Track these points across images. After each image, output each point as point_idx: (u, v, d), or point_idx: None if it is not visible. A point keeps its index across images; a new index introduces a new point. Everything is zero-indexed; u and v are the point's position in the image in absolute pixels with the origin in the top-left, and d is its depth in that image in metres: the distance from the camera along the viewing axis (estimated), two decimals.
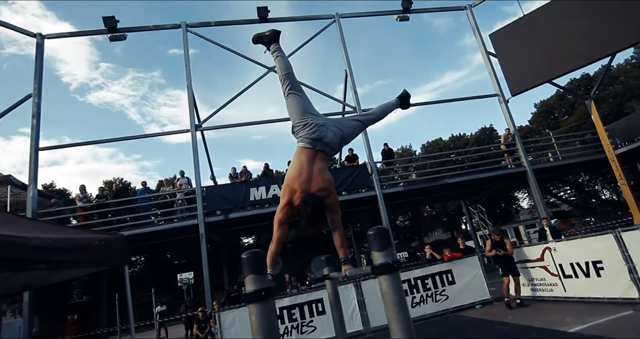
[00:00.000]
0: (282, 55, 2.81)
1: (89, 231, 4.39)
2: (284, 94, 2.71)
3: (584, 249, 6.21)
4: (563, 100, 31.45)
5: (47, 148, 11.06)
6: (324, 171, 2.45)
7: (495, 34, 12.76)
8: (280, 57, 2.79)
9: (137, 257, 26.56)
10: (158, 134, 24.80)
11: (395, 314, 1.65)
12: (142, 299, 20.44)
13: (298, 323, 6.96)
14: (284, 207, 2.34)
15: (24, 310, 8.85)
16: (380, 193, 11.04)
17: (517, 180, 13.76)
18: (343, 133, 2.61)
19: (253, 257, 1.73)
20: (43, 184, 27.76)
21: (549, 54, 11.36)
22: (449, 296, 7.70)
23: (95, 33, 11.91)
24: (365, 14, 13.41)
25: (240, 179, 11.66)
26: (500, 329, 5.83)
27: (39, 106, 10.20)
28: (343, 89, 14.18)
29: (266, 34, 2.90)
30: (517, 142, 12.47)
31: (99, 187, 12.55)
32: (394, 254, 1.79)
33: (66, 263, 3.40)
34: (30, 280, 4.48)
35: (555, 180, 21.79)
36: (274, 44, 2.87)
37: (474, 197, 17.14)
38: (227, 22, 12.65)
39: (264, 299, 1.64)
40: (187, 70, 11.26)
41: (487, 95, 13.47)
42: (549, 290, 6.93)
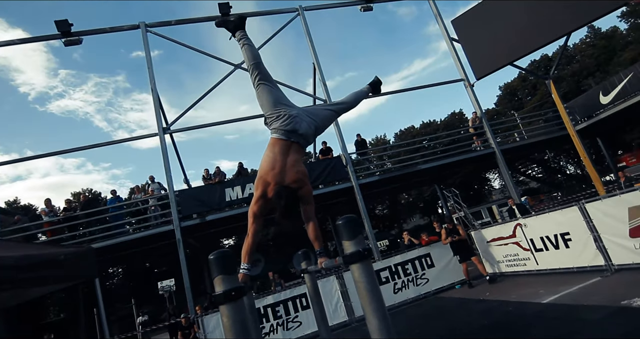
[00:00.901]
0: (249, 44, 2.68)
1: (54, 246, 4.20)
2: (253, 85, 2.61)
3: (552, 222, 6.48)
4: (525, 81, 32.61)
5: (6, 163, 10.48)
6: (298, 163, 2.42)
7: (456, 20, 13.00)
8: (247, 46, 2.66)
9: (114, 268, 25.74)
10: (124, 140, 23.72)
11: (369, 301, 1.65)
12: (123, 311, 19.91)
13: (283, 319, 6.95)
14: (258, 200, 2.31)
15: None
16: (357, 184, 11.11)
17: (487, 161, 14.17)
18: (317, 123, 2.58)
19: (220, 257, 1.69)
20: (6, 202, 26.40)
21: (509, 37, 11.68)
22: (429, 279, 7.89)
23: (48, 38, 11.28)
24: (329, 5, 13.32)
25: (214, 180, 11.44)
26: (479, 307, 6.02)
27: None
28: (312, 82, 14.14)
29: (231, 19, 2.75)
30: (485, 125, 12.81)
31: (66, 200, 12.02)
32: (364, 242, 1.79)
33: (32, 280, 3.24)
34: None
35: (523, 159, 22.63)
36: (240, 31, 2.72)
37: (448, 181, 17.58)
38: (188, 20, 12.26)
39: (234, 300, 1.61)
40: (150, 72, 10.89)
41: (453, 80, 13.72)
42: (522, 265, 7.21)
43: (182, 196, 10.43)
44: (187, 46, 11.70)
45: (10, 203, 26.39)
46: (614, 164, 16.09)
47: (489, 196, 34.92)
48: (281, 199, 2.17)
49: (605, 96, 13.25)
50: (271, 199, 2.26)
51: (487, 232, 8.14)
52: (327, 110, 2.80)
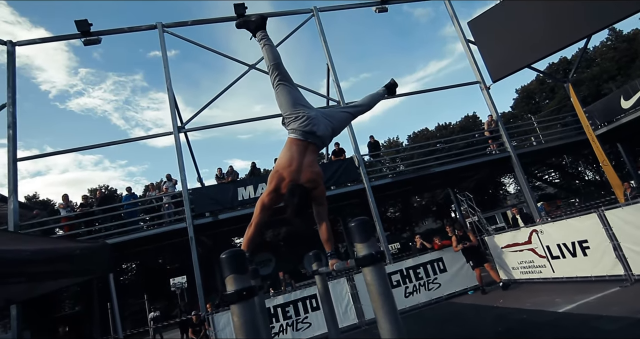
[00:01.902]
0: (269, 44, 2.69)
1: (70, 241, 4.28)
2: (272, 85, 2.62)
3: (569, 229, 6.32)
4: (543, 84, 31.98)
5: (26, 158, 10.76)
6: (314, 164, 2.44)
7: (473, 21, 12.84)
8: (268, 46, 2.67)
9: (128, 264, 26.19)
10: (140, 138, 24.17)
11: (382, 305, 1.62)
12: (135, 306, 20.22)
13: (293, 320, 6.95)
14: (270, 193, 2.30)
15: (12, 324, 8.63)
16: (369, 186, 11.05)
17: (502, 165, 13.92)
18: (334, 125, 2.59)
19: (232, 256, 1.68)
20: (26, 196, 27.16)
21: (527, 39, 11.49)
22: (441, 283, 7.78)
23: (68, 38, 11.57)
24: (344, 6, 13.31)
25: (227, 179, 11.56)
26: (492, 313, 5.91)
27: (14, 116, 9.90)
28: (326, 83, 14.14)
29: (252, 19, 2.76)
30: (500, 128, 12.60)
31: (83, 196, 12.29)
32: (377, 245, 1.77)
33: (47, 274, 3.30)
34: (12, 294, 4.33)
35: (539, 163, 22.18)
36: (261, 31, 2.73)
37: (462, 185, 17.32)
38: (204, 20, 12.42)
39: (246, 299, 1.60)
40: (166, 71, 11.05)
41: (469, 82, 13.52)
42: (537, 272, 7.05)
43: (195, 194, 10.55)
44: (203, 46, 11.85)
45: (29, 198, 27.14)
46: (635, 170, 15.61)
47: (504, 200, 34.34)
48: (294, 197, 2.17)
49: (627, 100, 12.88)
50: (284, 194, 2.26)
51: (501, 238, 7.99)
52: (344, 112, 2.80)
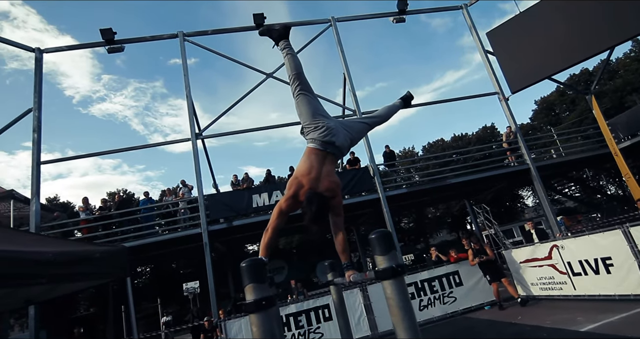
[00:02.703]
0: (292, 53, 2.71)
1: (90, 244, 4.36)
2: (293, 94, 2.65)
3: (592, 245, 6.11)
4: (564, 96, 31.36)
5: (49, 162, 11.07)
6: (332, 173, 2.45)
7: (492, 32, 12.76)
8: (290, 56, 2.69)
9: (143, 267, 26.49)
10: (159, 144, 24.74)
11: (401, 319, 1.60)
12: (148, 310, 20.39)
13: (305, 329, 6.88)
14: (288, 199, 2.31)
15: (30, 324, 8.81)
16: (383, 196, 10.97)
17: (521, 178, 13.66)
18: (352, 136, 2.61)
19: (252, 265, 1.69)
20: (47, 198, 27.86)
21: (547, 50, 11.34)
22: (456, 297, 7.60)
23: (93, 46, 11.97)
24: (362, 17, 13.43)
25: (242, 186, 11.64)
26: (510, 330, 5.74)
27: (39, 120, 10.24)
28: (342, 93, 14.20)
29: (275, 28, 2.79)
30: (519, 140, 12.39)
31: (102, 199, 12.56)
32: (398, 258, 1.75)
33: (67, 276, 3.36)
34: (32, 295, 4.43)
35: (559, 177, 21.64)
36: (284, 40, 2.76)
37: (478, 197, 17.03)
38: (224, 30, 12.70)
39: (265, 309, 1.60)
40: (186, 79, 11.28)
41: (487, 93, 13.39)
42: (558, 289, 6.82)
43: (210, 200, 10.65)
44: (222, 55, 12.08)
45: (50, 200, 27.83)
46: None
47: (522, 214, 33.55)
48: (313, 205, 2.17)
49: None
50: (302, 201, 2.27)
51: (519, 252, 7.78)
52: (362, 123, 2.82)
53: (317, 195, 2.22)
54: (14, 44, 10.87)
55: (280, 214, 2.31)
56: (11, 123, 10.28)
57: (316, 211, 2.16)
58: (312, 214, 2.17)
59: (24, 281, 3.12)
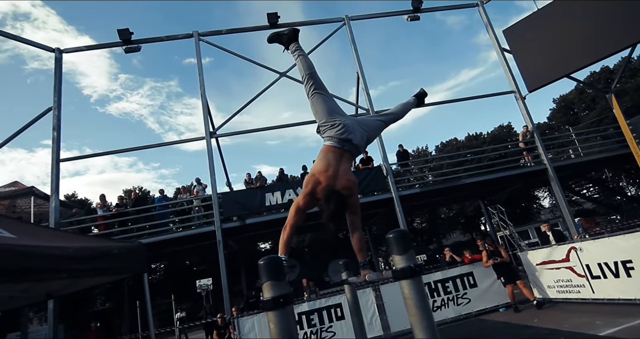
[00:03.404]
0: (303, 54, 2.75)
1: (109, 240, 4.46)
2: (307, 94, 2.66)
3: (612, 248, 5.96)
4: (583, 94, 30.61)
5: (68, 159, 11.34)
6: (349, 172, 2.45)
7: (509, 29, 12.53)
8: (302, 57, 2.73)
9: (157, 264, 26.94)
10: (174, 143, 25.07)
11: (420, 319, 1.59)
12: (162, 306, 20.74)
13: (317, 328, 6.89)
14: (306, 196, 2.32)
15: (49, 318, 9.05)
16: (397, 195, 10.90)
17: (537, 178, 13.40)
18: (368, 134, 2.61)
19: (270, 263, 1.69)
20: (65, 195, 28.52)
21: (565, 47, 11.08)
22: (470, 299, 7.51)
23: (110, 46, 12.20)
24: (376, 15, 13.35)
25: (255, 184, 11.71)
26: (526, 333, 5.64)
27: (59, 118, 10.48)
28: (355, 91, 14.17)
29: (284, 33, 2.82)
30: (536, 140, 12.15)
31: (119, 196, 12.81)
32: (415, 258, 1.73)
33: (87, 271, 3.44)
34: (53, 289, 4.55)
35: (578, 177, 21.15)
36: (294, 43, 2.80)
37: (493, 197, 16.79)
38: (238, 29, 12.79)
39: (283, 306, 1.60)
40: (201, 78, 11.41)
41: (503, 92, 13.17)
42: (576, 292, 6.68)
43: (224, 198, 10.75)
44: (236, 54, 12.16)
45: (68, 197, 28.50)
46: None
47: (538, 215, 32.92)
48: (330, 202, 2.16)
49: None
50: (319, 199, 2.27)
51: (536, 254, 7.63)
52: (378, 120, 2.81)
53: (335, 193, 2.22)
54: (35, 44, 11.15)
55: (297, 211, 2.32)
56: (32, 122, 10.55)
57: (334, 209, 2.16)
58: (330, 212, 2.16)
59: (45, 276, 3.20)
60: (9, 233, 3.11)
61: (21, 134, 10.53)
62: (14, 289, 4.26)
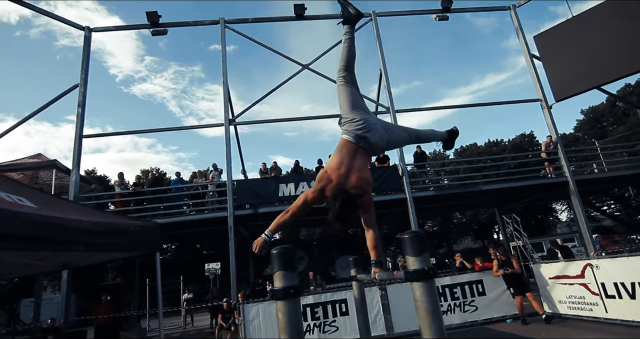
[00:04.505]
0: (350, 43, 2.68)
1: (125, 217, 4.56)
2: (337, 81, 2.62)
3: (631, 268, 5.76)
4: (614, 107, 29.55)
5: (91, 136, 11.63)
6: (364, 169, 2.40)
7: (540, 35, 12.14)
8: (350, 43, 2.67)
9: (168, 245, 27.49)
10: (194, 127, 25.52)
11: (429, 323, 1.57)
12: (170, 286, 21.20)
13: (321, 321, 6.93)
14: (316, 192, 2.31)
15: (62, 287, 9.37)
16: (411, 196, 10.80)
17: (557, 191, 13.05)
18: (389, 138, 2.56)
19: (283, 253, 1.70)
20: (85, 170, 29.34)
21: (599, 58, 10.68)
22: (478, 307, 7.41)
23: (138, 27, 12.38)
24: (404, 12, 13.15)
25: (270, 174, 11.77)
26: None
27: (84, 95, 10.73)
28: (377, 88, 14.03)
29: (351, 11, 2.73)
30: (560, 151, 11.81)
31: (136, 176, 13.08)
32: (429, 260, 1.70)
33: (102, 245, 3.52)
34: (69, 259, 4.69)
35: (599, 193, 20.55)
36: (349, 26, 2.72)
37: (509, 206, 16.45)
38: (264, 19, 12.83)
39: (292, 297, 1.61)
40: (224, 65, 11.47)
41: (529, 99, 12.85)
42: (588, 309, 6.50)
43: (238, 185, 10.85)
44: (260, 44, 12.17)
45: (88, 172, 29.28)
46: None
47: (553, 228, 32.15)
48: (337, 202, 2.15)
49: None
50: (328, 196, 2.25)
51: (550, 267, 7.46)
52: (404, 132, 2.75)
53: (343, 192, 2.19)
54: (66, 21, 11.40)
55: (304, 203, 2.31)
56: (58, 97, 10.84)
57: (339, 208, 2.14)
58: (335, 211, 2.15)
59: (63, 247, 3.29)
60: (31, 203, 3.20)
61: (47, 108, 10.85)
62: (32, 256, 4.42)
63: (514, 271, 7.30)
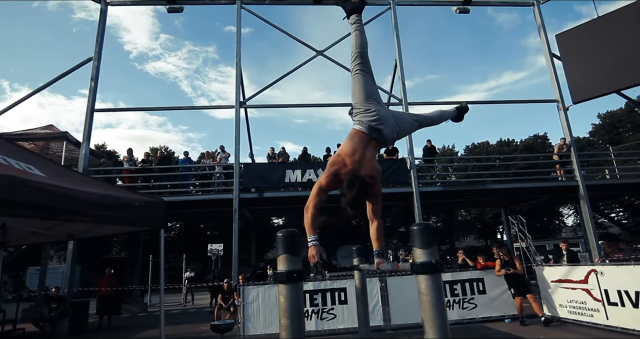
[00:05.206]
0: (361, 30, 2.63)
1: (133, 192, 4.57)
2: (351, 72, 2.57)
3: (636, 277, 5.68)
4: (633, 113, 28.87)
5: (102, 110, 11.69)
6: (374, 160, 2.38)
7: (562, 34, 11.76)
8: (359, 32, 2.62)
9: (173, 223, 27.83)
10: (205, 107, 25.69)
11: (433, 317, 1.53)
12: (173, 264, 21.55)
13: (319, 308, 6.98)
14: (329, 176, 2.25)
15: (68, 258, 9.56)
16: (417, 190, 10.73)
17: (566, 194, 12.89)
18: (400, 130, 2.52)
19: (289, 236, 1.67)
20: (95, 145, 29.54)
21: (621, 61, 10.35)
22: (477, 305, 7.39)
23: (154, 3, 12.30)
24: (423, 3, 12.85)
25: (277, 160, 11.75)
26: None
27: (97, 69, 10.73)
28: (391, 80, 13.83)
29: (352, 1, 2.70)
30: (572, 154, 11.60)
31: (145, 153, 13.15)
32: (438, 254, 1.67)
33: (108, 218, 3.54)
34: (75, 230, 4.75)
35: (609, 199, 20.25)
36: (356, 15, 2.68)
37: (515, 207, 16.31)
38: (281, 1, 12.61)
39: (296, 281, 1.59)
40: (238, 47, 11.35)
41: (546, 100, 12.59)
42: (589, 315, 6.45)
43: (245, 169, 10.87)
44: (276, 27, 11.99)
45: (98, 147, 29.53)
46: None
47: (558, 231, 31.89)
48: (353, 188, 2.10)
49: None
50: (342, 180, 2.20)
51: (553, 270, 7.39)
52: (414, 120, 2.72)
53: (359, 179, 2.15)
54: None
55: (320, 190, 2.27)
56: (72, 69, 10.86)
57: (355, 195, 2.10)
58: (351, 198, 2.11)
59: (69, 217, 3.31)
60: (40, 172, 3.21)
61: (61, 81, 10.90)
62: (39, 225, 4.48)
63: (516, 272, 7.26)
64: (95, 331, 9.08)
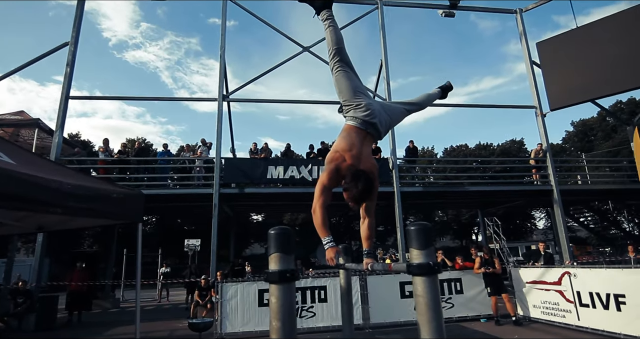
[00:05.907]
0: (334, 26, 2.53)
1: (109, 183, 4.36)
2: (332, 70, 2.49)
3: (607, 280, 5.89)
4: (604, 122, 30.07)
5: (78, 98, 11.24)
6: (372, 156, 2.33)
7: (543, 42, 12.09)
8: (332, 28, 2.51)
9: (149, 217, 27.11)
10: (185, 99, 25.06)
11: (429, 320, 1.49)
12: (147, 258, 20.98)
13: (299, 306, 6.92)
14: (331, 173, 2.16)
15: (37, 250, 9.12)
16: (399, 190, 10.81)
17: (541, 198, 13.30)
18: (391, 120, 2.47)
19: (282, 234, 1.58)
20: (69, 134, 28.37)
21: (596, 72, 10.74)
22: (454, 304, 7.51)
23: None
24: (410, 4, 12.93)
25: (260, 155, 11.60)
26: None
27: (74, 55, 10.27)
28: (376, 80, 13.86)
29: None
30: (548, 159, 11.96)
31: (122, 143, 12.72)
32: (435, 255, 1.62)
33: (82, 210, 3.35)
34: (45, 222, 4.50)
35: (580, 204, 21.03)
36: (327, 11, 2.56)
37: (490, 209, 16.72)
38: None
39: (288, 282, 1.51)
40: (223, 39, 11.11)
41: (524, 106, 12.96)
42: (561, 316, 6.65)
43: (226, 163, 10.67)
44: (262, 20, 11.80)
45: (72, 136, 28.40)
46: None
47: (530, 234, 32.96)
48: (359, 182, 2.03)
49: None
50: (343, 176, 2.14)
51: (528, 272, 7.58)
52: (402, 108, 2.67)
53: (364, 172, 2.09)
54: None
55: (324, 189, 2.18)
56: (46, 53, 10.34)
57: (362, 189, 2.03)
58: (357, 192, 2.04)
59: (40, 208, 3.11)
60: (9, 159, 3.01)
61: (34, 66, 10.37)
62: (6, 215, 4.21)
63: (495, 271, 7.40)
64: (64, 327, 8.72)
